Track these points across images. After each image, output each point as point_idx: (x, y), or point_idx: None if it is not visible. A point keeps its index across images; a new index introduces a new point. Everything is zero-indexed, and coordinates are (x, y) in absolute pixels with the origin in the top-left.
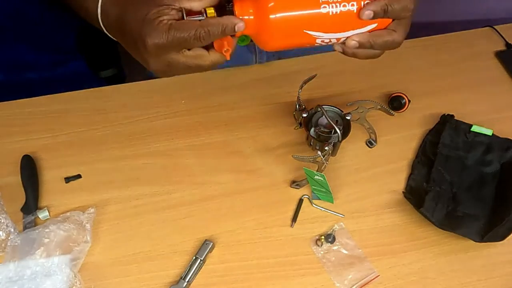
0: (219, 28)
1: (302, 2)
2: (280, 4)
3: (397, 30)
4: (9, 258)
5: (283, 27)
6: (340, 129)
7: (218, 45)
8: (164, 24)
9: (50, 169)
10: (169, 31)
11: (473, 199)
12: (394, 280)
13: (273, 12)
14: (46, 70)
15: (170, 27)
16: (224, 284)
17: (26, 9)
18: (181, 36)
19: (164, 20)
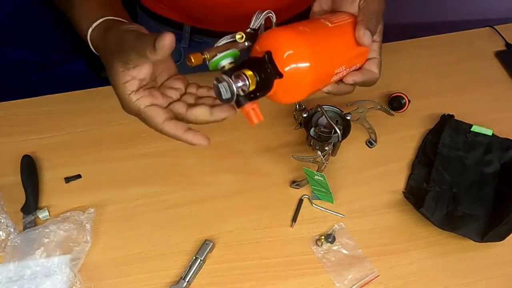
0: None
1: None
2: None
3: (375, 68)
4: (9, 258)
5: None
6: (340, 129)
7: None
8: (134, 103)
9: (50, 169)
10: (138, 114)
11: (473, 199)
12: (394, 280)
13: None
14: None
15: (140, 111)
16: (224, 284)
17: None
18: (146, 121)
19: (133, 97)
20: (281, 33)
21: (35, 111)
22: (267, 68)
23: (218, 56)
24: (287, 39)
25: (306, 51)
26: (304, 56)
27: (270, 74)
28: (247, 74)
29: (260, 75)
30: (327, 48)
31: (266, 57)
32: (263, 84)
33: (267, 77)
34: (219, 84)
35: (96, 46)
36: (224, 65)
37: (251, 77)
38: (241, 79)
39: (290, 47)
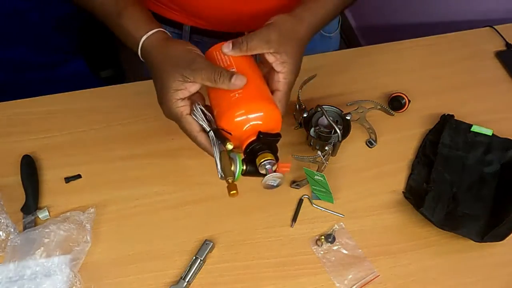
0: (206, 150)
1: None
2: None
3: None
4: (9, 258)
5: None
6: (340, 129)
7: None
8: (178, 108)
9: (50, 169)
10: (177, 119)
11: (473, 199)
12: (394, 280)
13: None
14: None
15: (181, 116)
16: (224, 284)
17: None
18: (183, 128)
19: (178, 103)
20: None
21: (35, 111)
22: (268, 140)
23: (236, 172)
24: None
25: (262, 105)
26: (262, 107)
27: (274, 141)
28: (268, 158)
29: (270, 148)
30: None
31: (262, 135)
32: (274, 149)
33: (273, 143)
34: (268, 183)
35: (149, 52)
36: (243, 168)
37: (270, 156)
38: (268, 164)
39: (268, 117)
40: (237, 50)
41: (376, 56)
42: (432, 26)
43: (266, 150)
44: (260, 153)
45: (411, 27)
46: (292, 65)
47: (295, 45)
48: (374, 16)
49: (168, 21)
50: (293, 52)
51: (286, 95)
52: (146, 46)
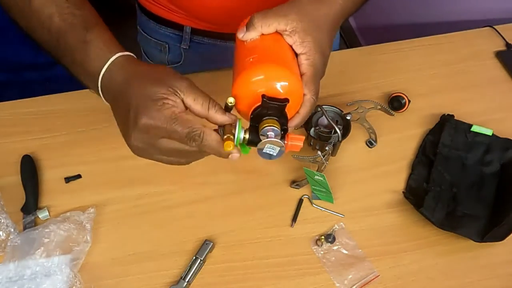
0: (213, 143)
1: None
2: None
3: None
4: (9, 258)
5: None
6: (340, 129)
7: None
8: (168, 109)
9: (50, 169)
10: (170, 119)
11: (473, 199)
12: (394, 280)
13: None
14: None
15: (173, 116)
16: (224, 284)
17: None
18: (178, 130)
19: (169, 105)
20: (259, 72)
21: (35, 111)
22: (273, 106)
23: (235, 136)
24: (267, 72)
25: (283, 70)
26: (285, 73)
27: (280, 107)
28: (270, 124)
29: (277, 115)
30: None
31: (265, 98)
32: (282, 118)
33: (281, 111)
34: (264, 151)
35: (116, 74)
36: (243, 137)
37: (274, 123)
38: (270, 131)
39: (276, 77)
40: (252, 31)
41: (376, 56)
42: (432, 26)
43: (272, 117)
44: (264, 119)
45: (411, 27)
46: (314, 44)
47: (316, 23)
48: (374, 16)
49: (169, 22)
50: (314, 30)
51: (313, 78)
52: (109, 72)
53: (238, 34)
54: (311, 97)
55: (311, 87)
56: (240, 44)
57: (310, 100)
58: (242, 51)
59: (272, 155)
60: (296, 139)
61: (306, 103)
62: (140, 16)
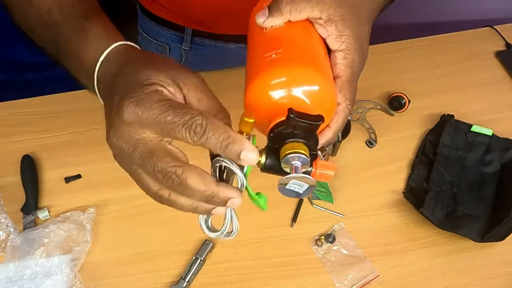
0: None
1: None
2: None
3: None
4: (9, 258)
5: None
6: None
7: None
8: (158, 93)
9: (50, 169)
10: (159, 103)
11: (473, 199)
12: (394, 280)
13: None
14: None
15: (164, 100)
16: (224, 284)
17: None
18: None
19: (163, 93)
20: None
21: (35, 111)
22: (302, 124)
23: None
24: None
25: (315, 72)
26: (315, 77)
27: (312, 127)
28: (297, 150)
29: (305, 136)
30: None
31: (292, 115)
32: (312, 140)
33: (311, 131)
34: (288, 187)
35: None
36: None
37: (301, 148)
38: (295, 159)
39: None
40: (277, 17)
41: (376, 56)
42: (432, 26)
43: (298, 139)
44: (288, 142)
45: (411, 27)
46: (354, 39)
47: (357, 12)
48: None
49: (169, 23)
50: (354, 21)
51: (349, 83)
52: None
53: (258, 18)
54: (345, 107)
55: (347, 94)
56: (258, 33)
57: (345, 111)
58: (260, 43)
59: (298, 193)
60: (326, 167)
61: (339, 114)
62: (141, 18)
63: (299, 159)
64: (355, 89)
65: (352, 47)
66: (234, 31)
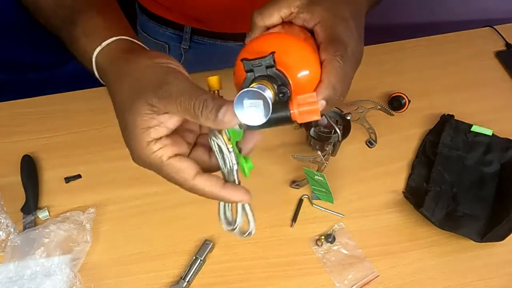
0: (208, 195)
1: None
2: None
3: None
4: (9, 258)
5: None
6: (340, 129)
7: None
8: (155, 154)
9: (50, 169)
10: (160, 165)
11: (473, 199)
12: (394, 280)
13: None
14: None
15: (162, 163)
16: (224, 284)
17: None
18: (170, 175)
19: (153, 146)
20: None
21: (35, 111)
22: (257, 66)
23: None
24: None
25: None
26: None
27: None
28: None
29: (269, 79)
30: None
31: (245, 60)
32: (279, 81)
33: (272, 71)
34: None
35: (105, 71)
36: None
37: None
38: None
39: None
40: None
41: (376, 56)
42: (432, 26)
43: (258, 79)
44: (250, 84)
45: (411, 27)
46: (327, 11)
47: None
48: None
49: (169, 22)
50: (324, 2)
51: (332, 40)
52: (101, 62)
53: (245, 41)
54: (332, 58)
55: (330, 49)
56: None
57: (332, 61)
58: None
59: (260, 115)
60: (304, 100)
61: (326, 66)
62: (140, 16)
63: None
64: (342, 46)
65: (326, 17)
66: (234, 29)
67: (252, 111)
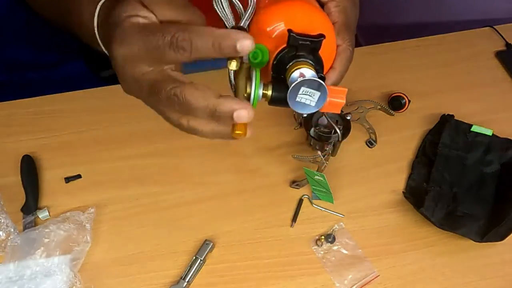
0: (209, 42)
1: None
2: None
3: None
4: (9, 258)
5: None
6: (340, 129)
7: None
8: (135, 25)
9: (50, 169)
10: (139, 34)
11: (473, 199)
12: (394, 280)
13: None
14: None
15: (142, 29)
16: (224, 284)
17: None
18: (152, 42)
19: (137, 21)
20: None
21: (35, 111)
22: (305, 44)
23: (252, 94)
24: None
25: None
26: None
27: (314, 45)
28: (302, 66)
29: (310, 58)
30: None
31: (293, 33)
32: (317, 64)
33: (314, 52)
34: (298, 100)
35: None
36: (263, 93)
37: (307, 65)
38: (303, 75)
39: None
40: None
41: (376, 56)
42: (432, 26)
43: (302, 59)
44: (292, 63)
45: (411, 27)
46: None
47: None
48: (374, 16)
49: None
50: None
51: (346, 27)
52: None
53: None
54: (346, 48)
55: (345, 36)
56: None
57: (346, 51)
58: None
59: (310, 106)
60: (337, 92)
61: (341, 54)
62: None
63: (307, 73)
64: (353, 34)
65: None
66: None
67: (306, 99)
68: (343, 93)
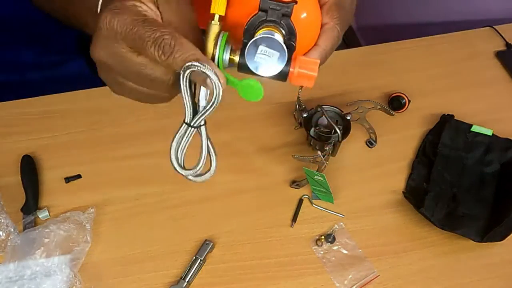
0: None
1: None
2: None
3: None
4: (9, 258)
5: None
6: (340, 129)
7: None
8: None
9: (50, 169)
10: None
11: (473, 199)
12: (394, 280)
13: None
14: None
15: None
16: (224, 284)
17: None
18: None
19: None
20: None
21: (35, 111)
22: (274, 8)
23: (216, 55)
24: None
25: None
26: None
27: (284, 11)
28: (269, 29)
29: (279, 24)
30: None
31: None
32: (289, 32)
33: (285, 17)
34: (256, 59)
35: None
36: (229, 58)
37: (274, 29)
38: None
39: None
40: None
41: (376, 56)
42: (432, 26)
43: (270, 24)
44: (260, 27)
45: (411, 27)
46: None
47: None
48: (374, 16)
49: None
50: None
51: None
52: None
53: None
54: (334, 26)
55: (335, 14)
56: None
57: (334, 29)
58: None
59: (269, 67)
60: (307, 64)
61: (327, 32)
62: None
63: (270, 34)
64: (345, 14)
65: None
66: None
67: (264, 59)
68: (315, 64)
